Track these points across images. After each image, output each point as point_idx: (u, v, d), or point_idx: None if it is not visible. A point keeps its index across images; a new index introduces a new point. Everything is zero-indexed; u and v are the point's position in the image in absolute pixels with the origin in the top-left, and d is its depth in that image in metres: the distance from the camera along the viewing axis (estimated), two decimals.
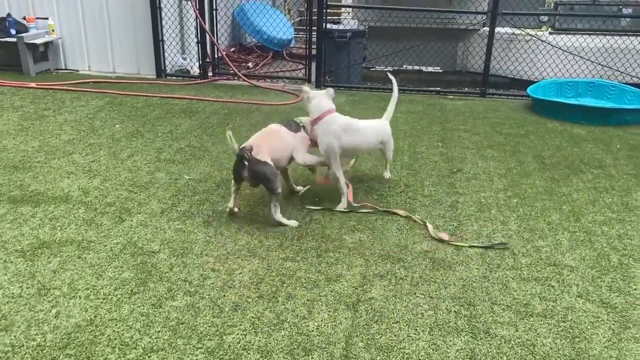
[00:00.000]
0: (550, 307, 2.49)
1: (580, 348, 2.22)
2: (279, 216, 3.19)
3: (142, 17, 6.90)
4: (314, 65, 6.97)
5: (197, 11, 6.73)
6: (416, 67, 7.95)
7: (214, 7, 7.05)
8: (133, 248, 2.90)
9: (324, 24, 6.75)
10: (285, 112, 5.66)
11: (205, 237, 3.03)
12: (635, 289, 2.64)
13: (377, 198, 3.61)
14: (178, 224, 3.17)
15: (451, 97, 6.65)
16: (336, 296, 2.53)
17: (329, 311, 2.42)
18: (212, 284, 2.60)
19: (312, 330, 2.29)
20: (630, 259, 2.93)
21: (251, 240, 3.01)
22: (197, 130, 4.94)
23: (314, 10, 6.82)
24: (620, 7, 6.67)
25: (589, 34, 6.65)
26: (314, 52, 6.90)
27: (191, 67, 7.32)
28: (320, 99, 3.56)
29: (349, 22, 7.69)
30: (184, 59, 7.31)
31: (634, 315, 2.45)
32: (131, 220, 3.19)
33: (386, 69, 8.13)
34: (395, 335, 2.27)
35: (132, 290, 2.54)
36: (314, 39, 6.88)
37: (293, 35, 9.25)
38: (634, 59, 6.60)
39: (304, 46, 7.25)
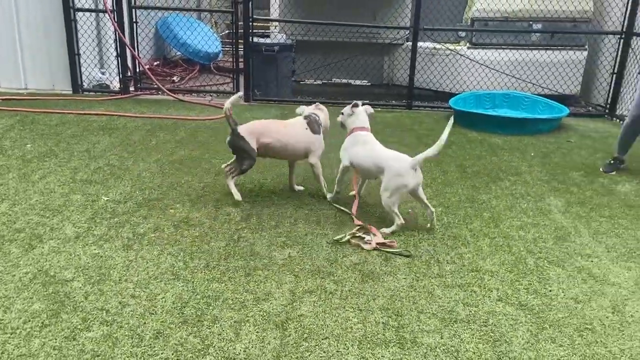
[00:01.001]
0: (473, 312, 2.56)
1: (501, 351, 2.29)
2: (231, 184, 3.73)
3: (56, 29, 6.56)
4: (242, 79, 6.91)
5: (116, 24, 6.48)
6: (344, 81, 8.07)
7: (134, 20, 6.82)
8: (44, 277, 2.69)
9: (251, 38, 6.72)
10: (212, 128, 5.55)
11: (125, 262, 2.87)
12: (550, 290, 2.78)
13: (307, 211, 3.59)
14: (95, 249, 2.99)
15: (379, 109, 6.78)
16: (265, 315, 2.47)
17: (257, 332, 2.35)
18: (131, 311, 2.46)
19: (239, 353, 2.21)
20: (545, 261, 3.08)
21: (175, 263, 2.89)
22: (117, 148, 4.72)
23: (240, 23, 6.77)
24: (531, 23, 7.11)
25: (503, 49, 7.05)
26: (242, 65, 6.85)
27: (111, 82, 7.01)
28: (358, 115, 3.78)
29: (276, 35, 7.70)
30: (103, 73, 7.00)
31: (550, 315, 2.56)
32: (42, 247, 2.97)
33: (316, 82, 8.21)
34: (324, 352, 2.24)
35: (43, 322, 2.35)
36: (242, 53, 6.83)
37: (220, 49, 9.13)
38: (544, 72, 7.05)
39: (232, 60, 7.16)
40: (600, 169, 4.62)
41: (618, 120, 6.48)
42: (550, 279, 2.89)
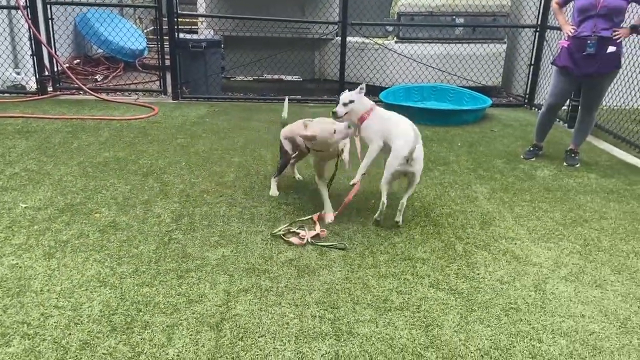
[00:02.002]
0: (406, 299, 2.62)
1: (433, 335, 2.36)
2: (273, 182, 3.83)
3: None
4: (169, 76, 6.70)
5: (30, 20, 6.09)
6: (276, 77, 8.02)
7: (50, 16, 6.43)
8: None
9: (177, 34, 6.53)
10: (138, 127, 5.34)
11: (46, 271, 2.71)
12: (478, 274, 2.90)
13: (240, 209, 3.54)
14: (13, 260, 2.79)
15: (311, 104, 6.82)
16: (198, 318, 2.41)
17: (191, 335, 2.29)
18: (55, 322, 2.32)
19: (172, 358, 2.14)
20: (473, 246, 3.21)
21: (101, 269, 2.76)
22: (35, 152, 4.44)
23: (165, 19, 6.56)
24: (454, 17, 7.37)
25: (429, 42, 7.27)
26: (169, 62, 6.64)
27: (27, 82, 6.58)
28: (362, 98, 3.64)
29: (203, 31, 7.53)
30: (18, 73, 6.56)
31: (478, 298, 2.67)
32: None
33: (246, 78, 8.11)
34: (260, 350, 2.22)
35: None
36: (168, 49, 6.62)
37: (145, 46, 8.81)
38: (467, 64, 7.34)
39: (158, 57, 6.92)
40: (521, 156, 4.87)
41: (536, 109, 6.86)
42: (478, 263, 3.01)
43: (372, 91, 7.21)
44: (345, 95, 3.58)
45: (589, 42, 4.31)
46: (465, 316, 2.52)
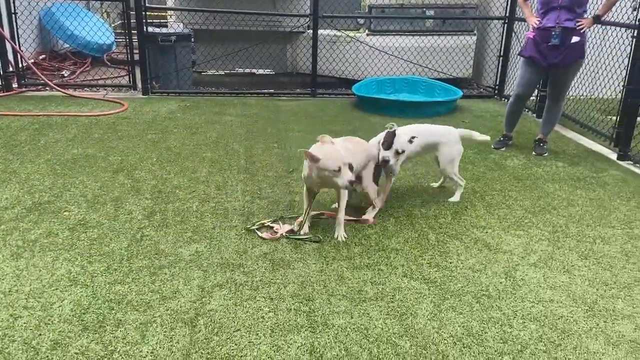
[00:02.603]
0: (380, 290, 2.65)
1: (407, 324, 2.40)
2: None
3: None
4: (138, 71, 6.59)
5: None
6: (247, 70, 7.96)
7: (13, 10, 6.23)
8: None
9: (145, 27, 6.41)
10: (107, 123, 5.24)
11: (15, 272, 2.64)
12: (451, 263, 2.94)
13: (214, 205, 3.51)
14: None
15: (284, 98, 6.79)
16: (172, 314, 2.39)
17: (165, 331, 2.27)
18: (24, 323, 2.27)
19: (146, 356, 2.12)
20: (446, 235, 3.25)
21: (72, 268, 2.71)
22: (0, 151, 4.31)
23: (132, 13, 6.43)
24: (424, 9, 7.43)
25: (400, 35, 7.31)
26: (138, 57, 6.52)
27: None
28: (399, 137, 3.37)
29: (172, 25, 7.41)
30: None
31: (450, 286, 2.72)
32: None
33: (218, 72, 8.03)
34: (236, 344, 2.22)
35: None
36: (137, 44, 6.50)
37: (113, 40, 8.63)
38: (438, 56, 7.41)
39: (126, 51, 6.79)
40: (492, 146, 4.95)
41: (506, 100, 6.97)
42: (450, 252, 3.06)
43: (346, 84, 7.24)
44: (401, 143, 3.33)
45: (553, 33, 4.42)
46: (439, 304, 2.56)
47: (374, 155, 3.40)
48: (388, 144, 3.34)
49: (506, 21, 6.89)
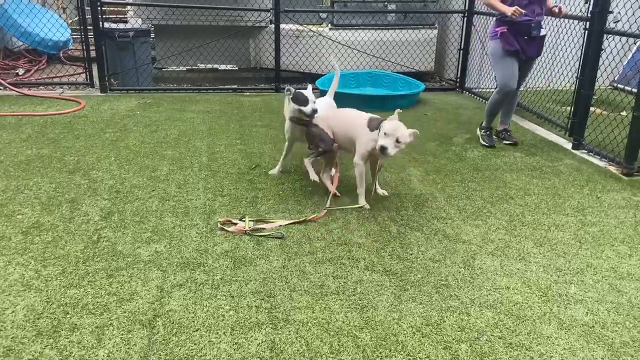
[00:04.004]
0: (342, 283, 2.67)
1: (368, 316, 2.42)
2: (308, 165, 3.68)
3: None
4: (95, 68, 6.42)
5: None
6: (210, 66, 7.86)
7: None
8: None
9: (102, 23, 6.25)
10: (64, 122, 5.09)
11: None
12: (411, 254, 2.98)
13: (174, 203, 3.46)
14: None
15: (247, 94, 6.74)
16: (130, 316, 2.34)
17: (122, 334, 2.23)
18: None
19: (102, 359, 2.08)
20: (407, 227, 3.29)
21: (25, 272, 2.63)
22: None
23: (87, 8, 6.26)
24: (386, 3, 7.48)
25: (363, 29, 7.34)
26: (94, 54, 6.35)
27: None
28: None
29: (136, 20, 7.24)
30: None
31: (411, 277, 2.75)
32: None
33: (179, 68, 7.89)
34: (195, 344, 2.19)
35: None
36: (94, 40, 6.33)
37: (69, 37, 8.38)
38: (401, 50, 7.47)
39: (82, 48, 6.60)
40: (483, 143, 4.89)
41: (468, 92, 7.09)
42: (411, 244, 3.10)
43: (310, 79, 7.22)
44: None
45: (532, 25, 4.45)
46: (399, 296, 2.59)
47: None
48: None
49: (466, 15, 7.00)
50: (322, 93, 6.38)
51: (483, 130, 5.01)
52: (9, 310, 2.35)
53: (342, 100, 6.12)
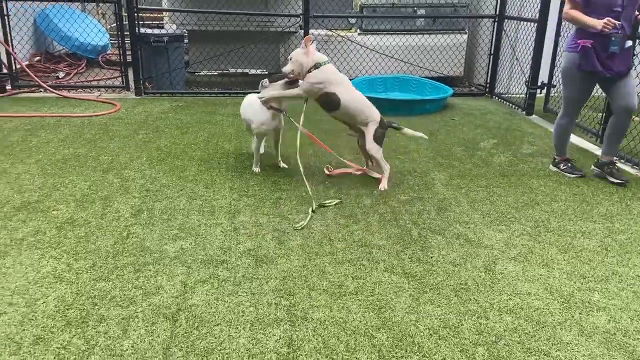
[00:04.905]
0: (360, 284, 2.70)
1: (385, 317, 2.44)
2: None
3: None
4: (131, 72, 6.63)
5: None
6: (240, 70, 8.01)
7: (6, 13, 6.28)
8: None
9: (138, 28, 6.46)
10: (100, 124, 5.29)
11: (0, 269, 2.69)
12: (431, 257, 2.99)
13: (201, 203, 3.56)
14: None
15: None
16: (154, 309, 2.43)
17: (146, 326, 2.32)
18: (8, 319, 2.32)
19: (127, 349, 2.17)
20: (428, 231, 3.30)
21: (58, 266, 2.76)
22: None
23: (125, 14, 6.48)
24: (415, 9, 7.48)
25: (391, 34, 7.35)
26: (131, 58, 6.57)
27: None
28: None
29: (171, 26, 7.45)
30: None
31: (430, 280, 2.76)
32: None
33: (211, 73, 8.07)
34: (215, 338, 2.26)
35: None
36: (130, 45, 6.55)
37: (108, 41, 8.68)
38: (430, 55, 7.45)
39: (119, 52, 6.84)
40: (569, 176, 4.25)
41: (497, 98, 7.02)
42: (432, 247, 3.10)
43: None
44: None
45: (613, 39, 3.77)
46: (417, 298, 2.60)
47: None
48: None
49: (496, 19, 6.94)
50: None
51: (562, 164, 4.32)
52: (40, 300, 2.47)
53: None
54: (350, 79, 6.95)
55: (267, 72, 8.12)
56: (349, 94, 3.94)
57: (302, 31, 6.83)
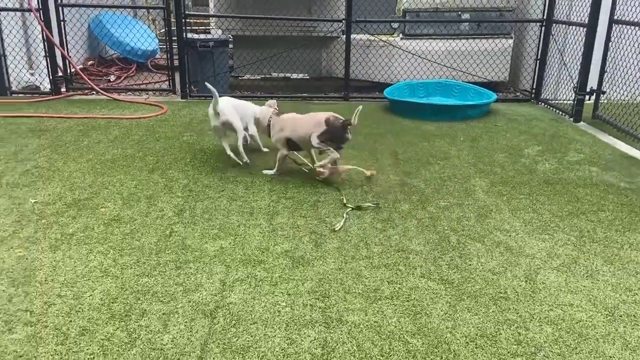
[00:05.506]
0: (396, 289, 2.69)
1: (421, 323, 2.42)
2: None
3: None
4: (178, 75, 6.84)
5: (43, 23, 6.27)
6: (282, 75, 8.11)
7: (62, 18, 6.60)
8: None
9: (185, 34, 6.65)
10: (147, 126, 5.48)
11: (52, 263, 2.83)
12: (470, 265, 2.94)
13: (241, 203, 3.63)
14: (20, 252, 2.93)
15: (316, 102, 6.89)
16: (194, 306, 2.51)
17: (186, 322, 2.39)
18: (57, 310, 2.44)
19: (167, 344, 2.24)
20: (467, 238, 3.25)
21: (104, 260, 2.88)
22: (46, 150, 4.59)
23: (173, 20, 6.70)
24: (459, 13, 7.38)
25: (434, 39, 7.29)
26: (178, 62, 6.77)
27: (41, 83, 6.78)
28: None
29: (216, 31, 7.65)
30: (32, 74, 6.76)
31: (468, 288, 2.72)
32: None
33: (254, 77, 8.21)
34: (251, 336, 2.31)
35: None
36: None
37: (157, 46, 8.98)
38: (474, 60, 7.34)
39: (166, 57, 7.07)
40: None
41: (543, 104, 6.83)
42: (471, 254, 3.05)
43: (380, 88, 7.27)
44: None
45: None
46: (454, 305, 2.57)
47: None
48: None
49: (544, 24, 6.76)
50: (390, 102, 6.43)
51: None
52: (87, 293, 2.58)
53: (409, 109, 6.14)
54: (391, 84, 6.99)
55: (308, 77, 8.21)
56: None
57: (344, 36, 6.87)
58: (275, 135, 4.17)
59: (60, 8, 6.57)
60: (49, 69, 6.55)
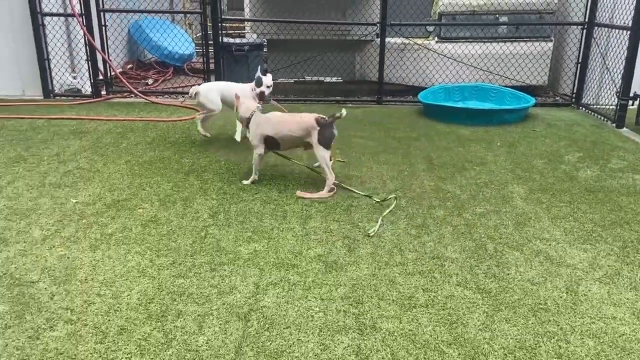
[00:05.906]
0: (432, 297, 2.64)
1: (457, 333, 2.38)
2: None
3: (25, 34, 6.52)
4: (213, 79, 6.93)
5: (85, 27, 6.46)
6: (315, 78, 8.13)
7: (103, 23, 6.80)
8: (9, 279, 2.71)
9: (221, 38, 6.75)
10: (183, 128, 5.57)
11: (91, 262, 2.90)
12: (508, 274, 2.87)
13: (274, 207, 3.65)
14: (61, 251, 3.01)
15: (350, 105, 6.87)
16: (228, 308, 2.52)
17: (220, 324, 2.41)
18: (96, 309, 2.49)
19: (202, 345, 2.26)
20: (505, 246, 3.18)
21: (142, 261, 2.93)
22: (87, 151, 4.72)
23: (209, 24, 6.80)
24: (497, 16, 7.24)
25: (471, 42, 7.17)
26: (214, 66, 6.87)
27: (82, 86, 6.99)
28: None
29: (251, 35, 7.74)
30: (74, 77, 6.97)
31: (506, 298, 2.66)
32: (8, 251, 2.99)
33: (288, 80, 8.25)
34: (285, 340, 2.31)
35: (6, 324, 2.37)
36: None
37: (194, 50, 9.13)
38: (510, 63, 7.19)
39: (202, 60, 7.19)
40: None
41: (584, 109, 6.64)
42: (509, 263, 2.98)
43: (414, 92, 7.21)
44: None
45: None
46: (492, 315, 2.51)
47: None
48: None
49: (585, 27, 6.57)
50: (424, 106, 6.36)
51: None
52: (125, 293, 2.63)
53: (444, 113, 6.06)
54: (426, 88, 6.91)
55: (341, 80, 8.20)
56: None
57: (379, 39, 6.84)
58: (256, 130, 4.04)
59: (101, 13, 6.77)
60: (90, 73, 6.75)
